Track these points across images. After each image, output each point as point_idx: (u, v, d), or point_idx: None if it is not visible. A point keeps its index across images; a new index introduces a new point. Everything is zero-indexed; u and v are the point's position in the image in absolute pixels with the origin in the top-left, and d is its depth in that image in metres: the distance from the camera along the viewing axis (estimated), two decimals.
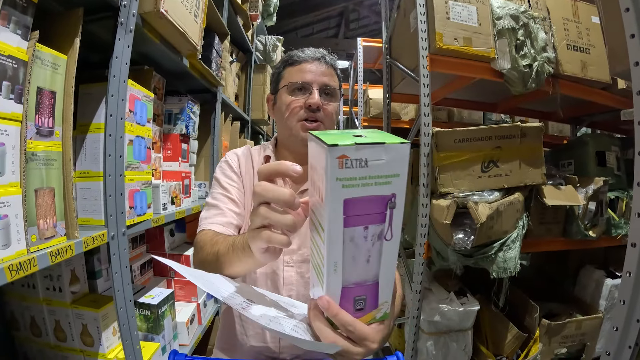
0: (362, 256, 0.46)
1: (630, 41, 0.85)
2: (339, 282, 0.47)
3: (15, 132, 0.77)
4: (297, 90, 0.89)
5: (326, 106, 0.89)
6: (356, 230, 0.44)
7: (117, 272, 0.99)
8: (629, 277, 0.84)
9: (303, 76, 0.89)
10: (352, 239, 0.44)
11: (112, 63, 0.97)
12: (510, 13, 1.79)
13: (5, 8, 0.76)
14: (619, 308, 0.86)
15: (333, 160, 0.40)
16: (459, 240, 1.68)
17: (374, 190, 0.43)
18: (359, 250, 0.46)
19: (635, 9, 0.84)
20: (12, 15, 0.77)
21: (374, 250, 0.46)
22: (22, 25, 0.79)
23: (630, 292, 0.83)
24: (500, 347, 1.87)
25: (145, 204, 1.14)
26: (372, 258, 0.47)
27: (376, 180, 0.42)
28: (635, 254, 0.84)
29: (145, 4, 1.08)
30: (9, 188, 0.75)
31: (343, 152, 0.40)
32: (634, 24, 0.84)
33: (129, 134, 1.04)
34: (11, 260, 0.73)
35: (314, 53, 0.91)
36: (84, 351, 1.16)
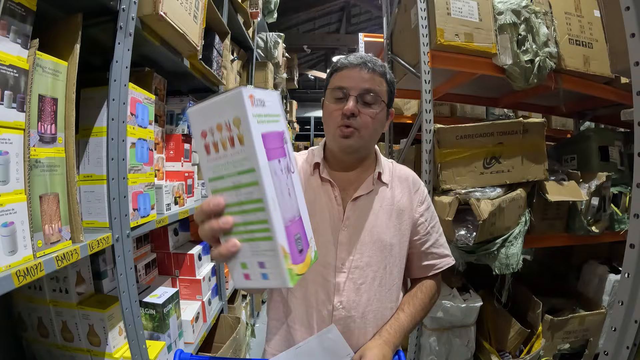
0: (285, 190, 0.50)
1: (630, 40, 0.84)
2: (281, 221, 0.48)
3: (19, 140, 0.78)
4: (336, 96, 0.87)
5: (363, 113, 0.86)
6: (274, 163, 0.48)
7: (122, 273, 1.01)
8: (628, 278, 0.85)
9: (342, 82, 0.87)
10: (275, 172, 0.48)
11: (112, 67, 0.98)
12: (511, 8, 1.77)
13: (4, 17, 0.76)
14: (617, 308, 0.87)
15: (247, 99, 0.44)
16: (461, 237, 1.69)
17: (273, 127, 0.49)
18: (281, 183, 0.49)
19: (635, 8, 0.83)
20: (11, 25, 0.78)
21: (289, 182, 0.51)
22: (21, 34, 0.80)
23: (628, 293, 0.84)
24: (503, 343, 1.88)
25: (149, 205, 1.15)
26: (290, 191, 0.51)
27: (270, 118, 0.49)
28: (634, 255, 0.84)
29: (144, 7, 1.08)
30: (14, 195, 0.76)
31: (251, 92, 0.45)
32: (634, 23, 0.84)
33: (131, 137, 1.05)
34: (18, 266, 0.74)
35: (355, 59, 0.88)
36: (91, 351, 1.18)
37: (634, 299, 0.83)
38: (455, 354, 1.83)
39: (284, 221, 0.48)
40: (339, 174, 0.93)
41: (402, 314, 0.91)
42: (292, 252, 0.48)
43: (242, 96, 0.44)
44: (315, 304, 0.88)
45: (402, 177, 0.98)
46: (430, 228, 0.97)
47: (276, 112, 0.50)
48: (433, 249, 0.98)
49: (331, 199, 0.91)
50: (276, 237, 0.46)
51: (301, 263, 0.50)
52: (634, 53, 0.84)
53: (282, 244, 0.47)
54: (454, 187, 1.73)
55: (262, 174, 0.45)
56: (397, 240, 0.93)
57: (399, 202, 0.94)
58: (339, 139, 0.87)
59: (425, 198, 0.99)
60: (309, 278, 0.89)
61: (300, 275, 0.50)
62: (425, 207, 0.98)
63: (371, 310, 0.89)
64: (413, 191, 0.97)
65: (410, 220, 0.95)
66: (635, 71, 0.85)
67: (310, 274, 0.89)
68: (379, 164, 0.95)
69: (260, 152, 0.45)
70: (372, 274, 0.89)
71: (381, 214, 0.92)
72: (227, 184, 0.47)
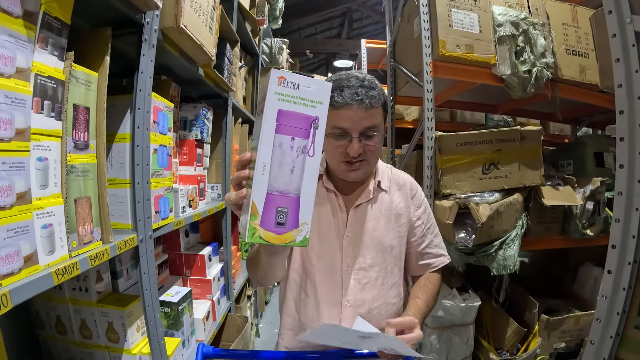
0: (287, 165, 0.57)
1: (615, 65, 0.94)
2: (265, 185, 0.56)
3: (56, 147, 0.83)
4: (337, 133, 0.89)
5: (367, 147, 0.89)
6: (285, 138, 0.56)
7: (145, 272, 1.07)
8: (610, 275, 0.94)
9: (341, 123, 0.87)
10: (281, 145, 0.56)
11: (138, 78, 1.04)
12: (510, 20, 1.84)
13: (42, 31, 0.81)
14: (601, 302, 0.97)
15: (274, 79, 0.54)
16: (460, 239, 1.76)
17: (302, 109, 0.56)
18: (285, 158, 0.56)
19: (621, 36, 0.92)
20: (49, 38, 0.82)
21: (299, 162, 0.57)
22: (58, 47, 0.85)
23: (610, 288, 0.94)
24: (501, 341, 1.95)
25: (168, 208, 1.21)
26: (296, 169, 0.57)
27: (304, 102, 0.56)
28: (615, 254, 0.94)
29: (166, 19, 1.14)
30: (52, 199, 0.82)
31: (282, 74, 0.54)
32: (619, 50, 0.93)
33: (153, 143, 1.11)
34: (57, 265, 0.80)
35: (351, 96, 0.86)
36: (109, 347, 1.22)
37: (616, 293, 0.92)
38: (455, 351, 1.89)
39: (268, 187, 0.56)
40: (341, 182, 1.00)
41: (419, 300, 0.98)
42: (264, 216, 0.56)
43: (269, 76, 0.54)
44: (326, 303, 0.96)
45: (400, 182, 1.05)
46: (426, 230, 1.04)
47: (315, 98, 0.56)
48: (428, 249, 1.04)
49: (335, 207, 0.98)
50: (251, 194, 0.55)
51: (273, 233, 0.57)
52: (618, 76, 0.94)
53: (254, 202, 0.55)
54: (454, 191, 1.81)
55: (261, 140, 0.55)
56: (397, 242, 1.00)
57: (397, 207, 1.01)
58: (345, 172, 0.93)
59: (422, 202, 1.06)
60: (319, 280, 0.96)
61: (267, 242, 0.57)
62: (422, 211, 1.05)
63: (376, 307, 0.96)
64: (410, 196, 1.04)
65: (407, 223, 1.02)
66: (618, 92, 0.94)
67: (319, 276, 0.96)
68: (378, 173, 1.02)
69: (267, 122, 0.55)
70: (375, 274, 0.97)
71: (381, 218, 0.99)
72: (253, 144, 0.59)
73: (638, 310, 0.91)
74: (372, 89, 0.89)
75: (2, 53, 0.69)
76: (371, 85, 0.89)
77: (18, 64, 0.73)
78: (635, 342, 0.91)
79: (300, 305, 0.99)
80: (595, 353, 0.98)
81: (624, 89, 0.95)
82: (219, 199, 1.91)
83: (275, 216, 0.56)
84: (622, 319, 0.93)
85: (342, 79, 0.90)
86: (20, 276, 0.72)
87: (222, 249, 1.96)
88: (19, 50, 0.73)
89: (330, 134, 0.89)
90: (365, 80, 0.90)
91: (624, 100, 0.95)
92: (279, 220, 0.57)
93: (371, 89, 0.88)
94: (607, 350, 0.95)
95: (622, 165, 0.97)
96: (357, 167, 0.92)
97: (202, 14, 1.29)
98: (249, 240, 0.56)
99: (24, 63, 0.75)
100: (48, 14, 0.81)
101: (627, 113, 0.94)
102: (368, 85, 0.89)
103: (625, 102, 0.94)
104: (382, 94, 0.91)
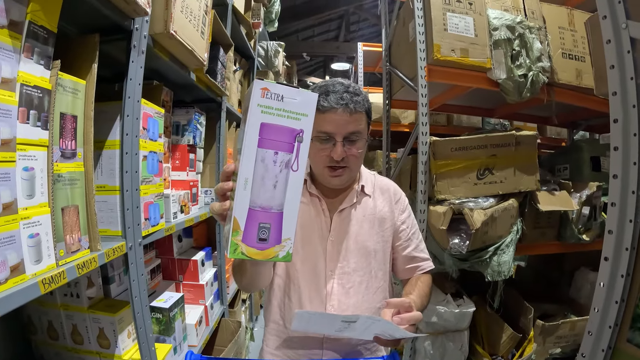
0: (270, 180, 0.55)
1: (610, 72, 0.91)
2: (247, 200, 0.55)
3: (43, 156, 0.83)
4: (321, 137, 0.90)
5: (351, 152, 0.91)
6: (268, 152, 0.55)
7: (135, 279, 1.07)
8: (602, 287, 0.93)
9: (326, 127, 0.89)
10: (263, 159, 0.55)
11: (127, 85, 1.04)
12: (506, 24, 1.84)
13: (28, 41, 0.80)
14: (593, 315, 0.95)
15: (257, 90, 0.52)
16: (454, 245, 1.75)
17: (286, 122, 0.54)
18: (268, 173, 0.55)
19: (616, 42, 0.90)
20: (35, 47, 0.81)
21: (282, 177, 0.56)
22: (44, 56, 0.84)
23: (602, 301, 0.92)
24: (496, 347, 1.94)
25: (159, 215, 1.21)
26: (279, 184, 0.56)
27: (289, 114, 0.54)
28: (608, 266, 0.92)
29: (156, 25, 1.13)
30: (39, 208, 0.81)
31: (265, 85, 0.52)
32: (614, 56, 0.91)
33: (143, 150, 1.11)
34: (44, 274, 0.80)
35: (336, 100, 0.88)
36: (100, 353, 1.23)
37: (608, 306, 0.91)
38: (449, 357, 1.89)
39: (250, 203, 0.55)
40: (325, 187, 1.01)
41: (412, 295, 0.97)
42: (246, 231, 0.55)
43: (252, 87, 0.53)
44: (310, 308, 0.96)
45: (384, 188, 1.06)
46: (411, 234, 1.06)
47: (300, 110, 0.55)
48: (415, 253, 1.05)
49: (319, 212, 0.99)
50: (233, 209, 0.55)
51: (255, 249, 0.56)
52: (612, 83, 0.91)
53: (236, 217, 0.54)
54: (449, 197, 1.80)
55: (243, 155, 0.54)
56: (381, 247, 1.01)
57: (381, 212, 1.02)
58: (328, 177, 0.94)
59: (406, 207, 1.07)
60: (303, 284, 0.97)
61: (249, 258, 0.56)
62: (407, 215, 1.06)
63: (360, 311, 0.96)
64: (394, 201, 1.05)
65: (392, 228, 1.03)
66: (613, 100, 0.92)
67: (303, 281, 0.97)
68: (362, 178, 1.03)
69: (249, 136, 0.53)
70: (359, 278, 0.97)
71: (364, 223, 0.99)
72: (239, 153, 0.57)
73: (630, 324, 0.90)
74: (356, 94, 0.91)
75: None
76: (356, 91, 0.91)
77: (3, 74, 0.72)
78: (627, 355, 0.90)
79: (285, 311, 0.99)
80: None
81: (618, 96, 0.92)
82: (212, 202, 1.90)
83: (257, 232, 0.56)
84: (614, 332, 0.92)
85: (327, 84, 0.92)
86: (6, 286, 0.72)
87: (216, 253, 1.96)
88: (4, 61, 0.73)
89: (314, 138, 0.89)
90: (350, 86, 0.92)
91: (619, 109, 0.92)
92: (261, 236, 0.56)
93: (356, 95, 0.90)
94: None
95: (615, 176, 0.93)
96: (340, 173, 0.93)
97: (193, 18, 1.28)
98: (230, 256, 0.55)
99: (9, 73, 0.74)
100: (34, 23, 0.80)
101: (621, 122, 0.91)
102: (353, 91, 0.91)
103: (619, 110, 0.92)
104: (366, 100, 0.93)
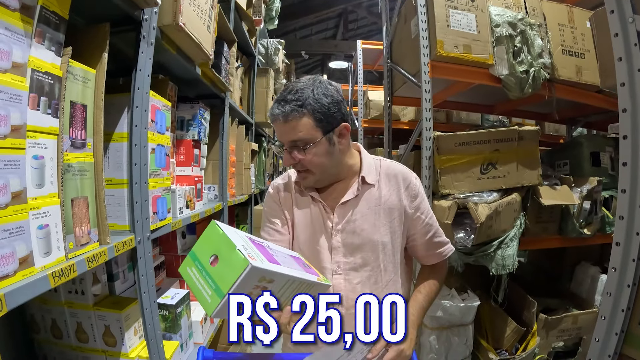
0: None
1: (618, 64, 0.95)
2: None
3: (53, 145, 0.81)
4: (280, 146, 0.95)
5: (302, 158, 0.91)
6: None
7: (143, 274, 1.05)
8: (615, 272, 0.96)
9: (276, 136, 0.95)
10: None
11: (136, 76, 1.02)
12: (508, 20, 1.85)
13: (39, 26, 0.78)
14: (605, 299, 0.98)
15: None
16: (459, 239, 1.75)
17: None
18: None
19: (623, 35, 0.94)
20: (46, 33, 0.80)
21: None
22: (55, 42, 0.82)
23: (615, 286, 0.95)
24: (500, 341, 1.95)
25: (166, 209, 1.19)
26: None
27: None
28: (619, 252, 0.95)
29: (164, 17, 1.12)
30: (48, 199, 0.79)
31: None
32: (621, 49, 0.95)
33: (151, 142, 1.09)
34: (53, 267, 0.77)
35: (272, 112, 0.91)
36: (106, 351, 1.20)
37: (620, 290, 0.94)
38: (454, 352, 1.89)
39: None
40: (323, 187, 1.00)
41: (420, 294, 0.98)
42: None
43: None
44: None
45: (391, 174, 1.00)
46: (428, 219, 1.02)
47: None
48: (436, 238, 1.03)
49: (320, 209, 0.97)
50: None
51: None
52: (620, 75, 0.95)
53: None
54: (453, 191, 1.80)
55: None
56: (389, 238, 0.97)
57: (388, 201, 0.97)
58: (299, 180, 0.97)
59: (418, 192, 1.01)
60: None
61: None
62: (420, 200, 1.00)
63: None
64: (404, 187, 0.99)
65: (401, 217, 0.98)
66: (621, 91, 0.96)
67: None
68: (363, 168, 0.99)
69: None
70: (367, 273, 0.95)
71: (369, 215, 0.96)
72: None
73: None
74: (288, 102, 0.88)
75: None
76: (288, 99, 0.89)
77: (14, 58, 0.70)
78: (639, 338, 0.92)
79: None
80: (600, 350, 0.98)
81: (626, 87, 0.96)
82: (215, 200, 1.88)
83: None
84: (626, 316, 0.94)
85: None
86: (15, 279, 0.69)
87: None
88: (15, 45, 0.71)
89: None
90: (291, 92, 0.90)
91: (627, 99, 0.96)
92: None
93: (288, 103, 0.88)
94: (612, 347, 0.96)
95: (625, 163, 0.98)
96: (303, 176, 0.95)
97: (200, 12, 1.27)
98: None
99: (20, 58, 0.72)
100: (45, 8, 0.79)
101: (630, 111, 0.95)
102: (287, 99, 0.89)
103: (628, 100, 0.95)
104: (304, 104, 0.88)
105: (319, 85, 0.90)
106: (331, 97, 0.90)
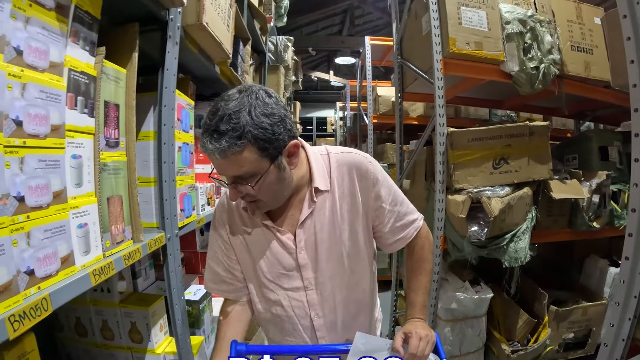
0: None
1: (630, 66, 1.00)
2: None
3: (90, 144, 0.82)
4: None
5: (249, 190, 0.80)
6: None
7: (173, 270, 1.07)
8: (627, 261, 1.02)
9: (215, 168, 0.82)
10: None
11: (163, 75, 1.04)
12: (518, 17, 1.87)
13: (74, 25, 0.78)
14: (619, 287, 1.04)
15: None
16: (473, 233, 1.78)
17: None
18: None
19: (635, 38, 0.98)
20: (80, 32, 0.80)
21: None
22: (89, 42, 0.82)
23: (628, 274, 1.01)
24: (512, 333, 1.98)
25: (191, 206, 1.21)
26: None
27: None
28: (632, 242, 1.01)
29: (188, 17, 1.14)
30: (87, 198, 0.80)
31: None
32: (633, 52, 0.99)
33: (177, 141, 1.11)
34: (93, 265, 0.78)
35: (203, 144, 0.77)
36: (131, 348, 1.21)
37: (633, 278, 1.00)
38: (468, 343, 1.92)
39: None
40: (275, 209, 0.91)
41: (413, 294, 0.99)
42: None
43: None
44: (298, 320, 0.96)
45: (343, 169, 0.92)
46: (389, 206, 0.94)
47: None
48: (397, 223, 0.96)
49: (278, 232, 0.92)
50: None
51: None
52: (632, 76, 1.01)
53: None
54: (466, 186, 1.83)
55: None
56: (353, 242, 0.93)
57: (345, 203, 0.92)
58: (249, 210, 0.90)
59: (375, 178, 0.91)
60: (285, 303, 0.95)
61: None
62: (380, 187, 0.92)
63: (345, 307, 0.97)
64: (358, 179, 0.91)
65: (364, 212, 0.93)
66: (633, 92, 1.01)
67: (285, 300, 0.95)
68: (314, 174, 0.89)
69: None
70: (338, 282, 0.94)
71: (329, 224, 0.91)
72: None
73: None
74: (222, 135, 0.73)
75: (36, 46, 0.66)
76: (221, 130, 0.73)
77: (52, 57, 0.71)
78: None
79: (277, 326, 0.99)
80: (615, 334, 1.06)
81: (638, 88, 1.02)
82: None
83: None
84: (639, 302, 1.01)
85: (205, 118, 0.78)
86: (57, 278, 0.70)
87: None
88: (52, 44, 0.71)
89: None
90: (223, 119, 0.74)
91: (639, 99, 1.02)
92: None
93: (222, 136, 0.73)
94: (626, 332, 1.03)
95: (637, 159, 1.04)
96: (252, 206, 0.86)
97: (220, 11, 1.29)
98: None
99: (57, 57, 0.72)
100: (79, 8, 0.79)
101: None
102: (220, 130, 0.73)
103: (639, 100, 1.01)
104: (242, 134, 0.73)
105: (255, 104, 0.75)
106: (272, 115, 0.76)
